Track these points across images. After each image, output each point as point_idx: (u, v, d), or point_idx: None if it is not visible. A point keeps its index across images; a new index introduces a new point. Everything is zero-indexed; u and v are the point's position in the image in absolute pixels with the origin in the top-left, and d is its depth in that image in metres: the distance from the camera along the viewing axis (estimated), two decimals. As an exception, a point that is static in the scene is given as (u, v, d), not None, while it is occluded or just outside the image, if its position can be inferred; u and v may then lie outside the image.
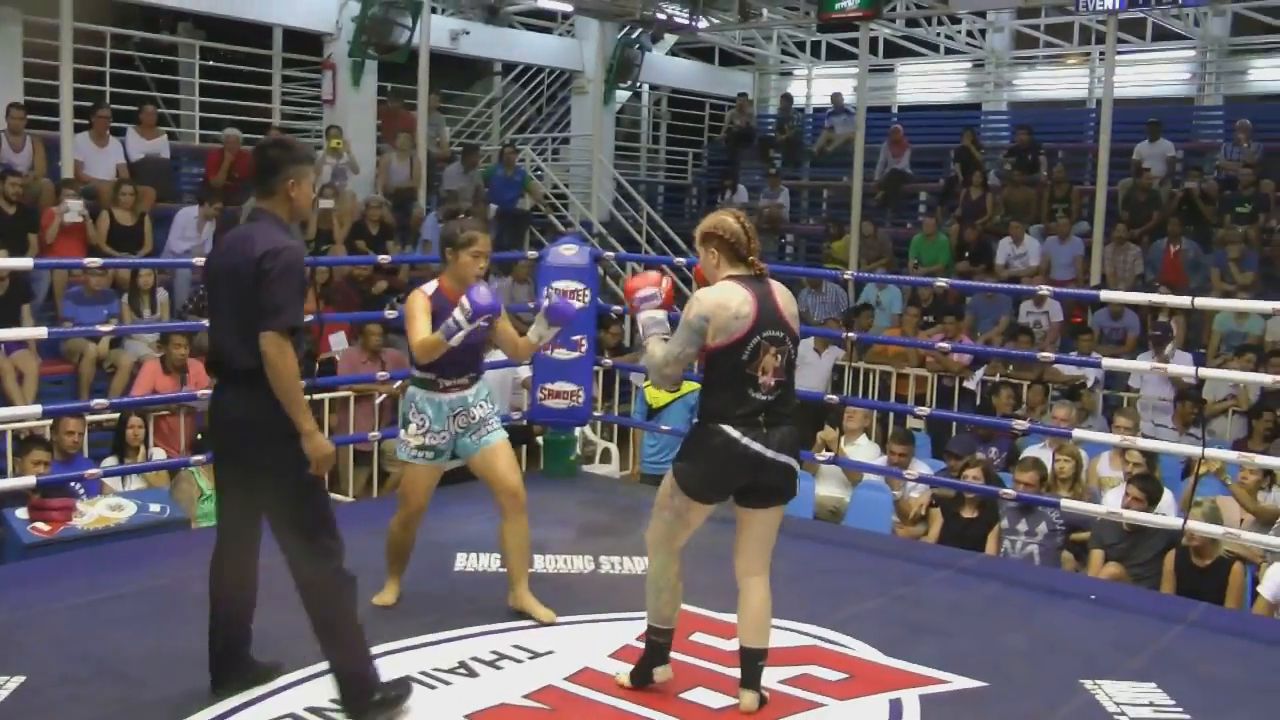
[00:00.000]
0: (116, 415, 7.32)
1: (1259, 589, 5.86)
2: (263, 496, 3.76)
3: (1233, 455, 6.47)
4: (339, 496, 7.70)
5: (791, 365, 4.00)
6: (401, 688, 3.86)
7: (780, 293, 3.99)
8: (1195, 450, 6.00)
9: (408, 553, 4.83)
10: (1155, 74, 16.42)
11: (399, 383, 7.67)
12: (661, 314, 4.09)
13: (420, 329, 4.59)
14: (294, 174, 3.81)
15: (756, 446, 3.85)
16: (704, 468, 3.90)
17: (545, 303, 4.88)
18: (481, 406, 4.76)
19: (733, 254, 3.94)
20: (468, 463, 4.81)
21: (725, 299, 3.85)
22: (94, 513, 5.75)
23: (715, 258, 3.97)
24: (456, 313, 4.45)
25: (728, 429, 3.84)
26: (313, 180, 3.95)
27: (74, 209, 9.46)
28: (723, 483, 3.93)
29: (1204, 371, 6.73)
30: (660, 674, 4.09)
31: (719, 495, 3.97)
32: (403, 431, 4.73)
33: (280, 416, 3.66)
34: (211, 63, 13.83)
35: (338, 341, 9.61)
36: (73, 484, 6.24)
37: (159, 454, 7.51)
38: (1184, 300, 6.67)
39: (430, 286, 4.74)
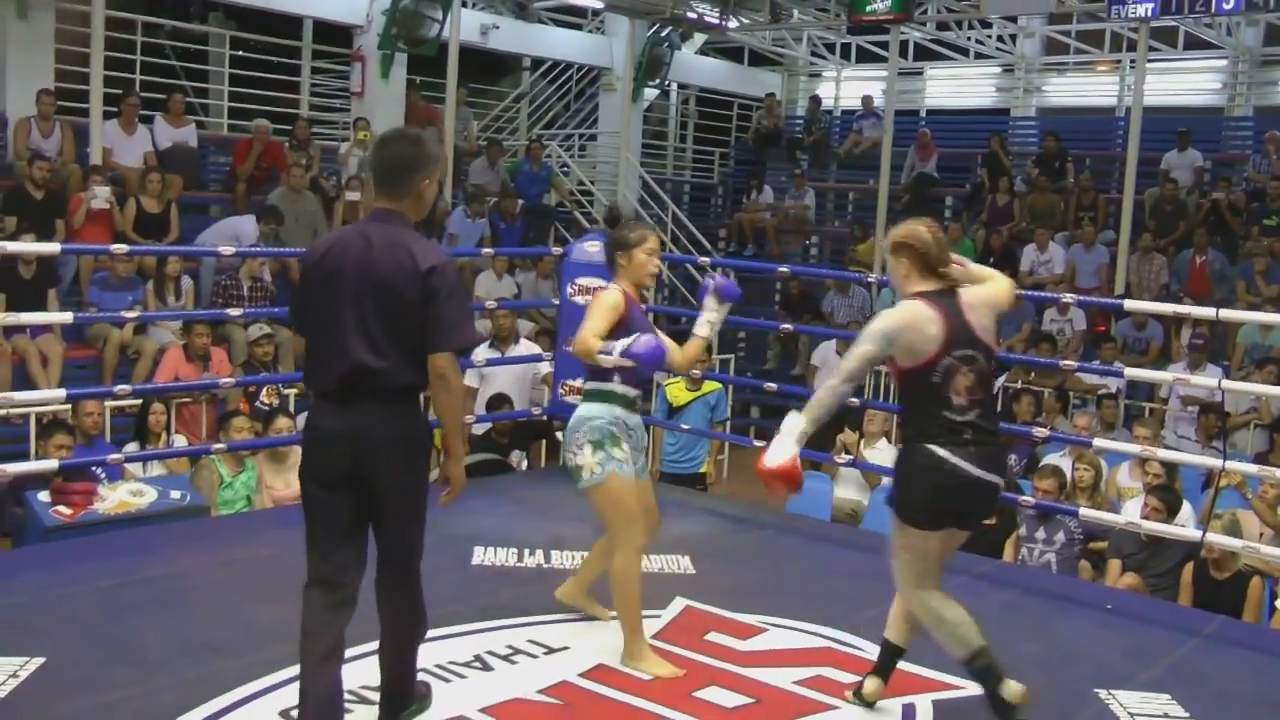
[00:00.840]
0: (139, 401, 7.37)
1: (1277, 603, 5.83)
2: (390, 512, 3.51)
3: (1253, 468, 6.43)
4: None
5: (986, 380, 3.83)
6: (425, 689, 3.85)
7: (971, 306, 3.82)
8: (1215, 462, 5.96)
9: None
10: (1186, 83, 16.31)
11: None
12: None
13: (598, 328, 4.31)
14: (430, 173, 3.55)
15: (964, 465, 3.72)
16: (918, 492, 3.78)
17: (710, 283, 4.63)
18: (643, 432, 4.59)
19: (924, 266, 3.82)
20: None
21: (912, 321, 3.72)
22: (115, 498, 5.80)
23: (906, 268, 3.85)
24: (624, 359, 4.25)
25: (935, 449, 3.73)
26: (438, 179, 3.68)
27: (101, 195, 9.54)
28: (941, 504, 3.79)
29: (1226, 384, 6.68)
30: (1012, 692, 3.72)
31: (942, 520, 3.82)
32: (616, 451, 4.35)
33: (423, 436, 3.56)
34: (241, 53, 13.91)
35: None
36: (94, 469, 6.29)
37: (180, 441, 7.56)
38: (1209, 311, 6.63)
39: (615, 287, 4.47)
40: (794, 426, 3.84)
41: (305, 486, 3.54)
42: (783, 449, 3.83)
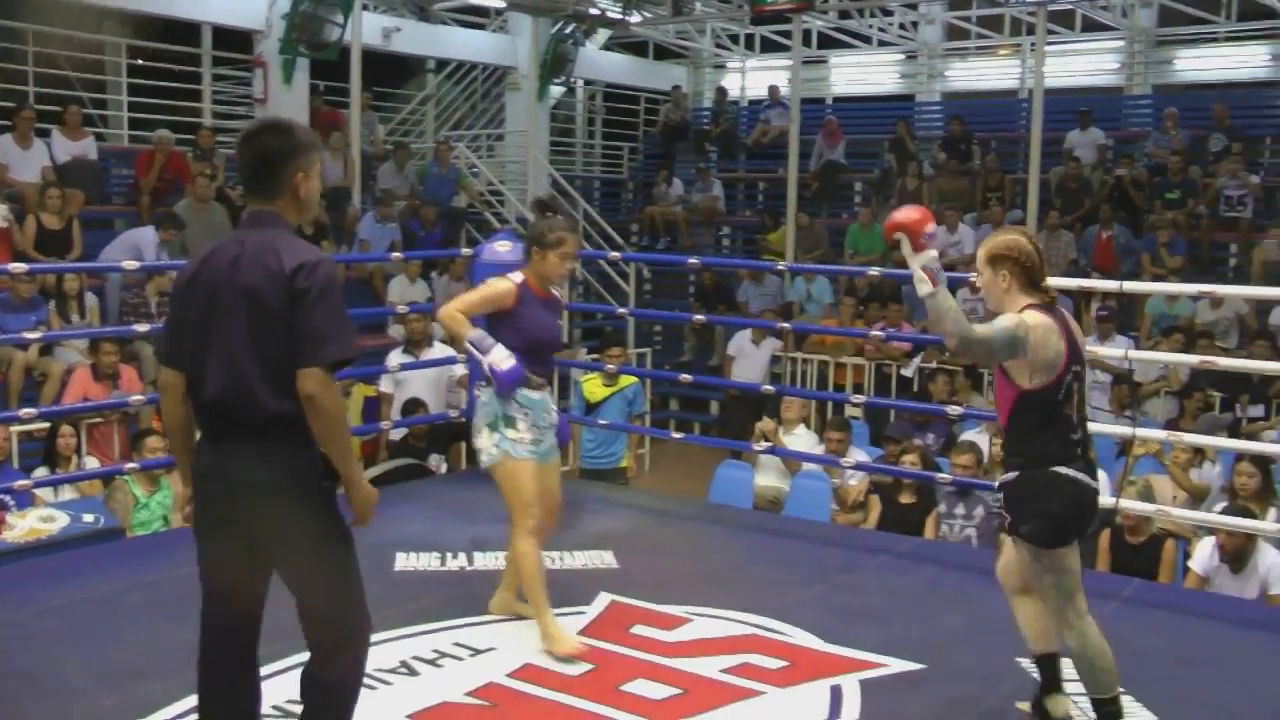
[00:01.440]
0: (47, 425, 7.19)
1: (1189, 563, 5.99)
2: (286, 572, 3.10)
3: (1162, 434, 6.59)
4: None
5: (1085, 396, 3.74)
6: None
7: (1071, 318, 3.72)
8: (1127, 431, 6.11)
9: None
10: (1085, 64, 16.63)
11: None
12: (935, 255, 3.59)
13: (471, 306, 4.48)
14: (302, 165, 3.15)
15: (1086, 480, 3.65)
16: (1060, 515, 3.64)
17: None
18: (551, 412, 4.57)
19: (1027, 279, 3.62)
20: None
21: (1043, 334, 3.51)
22: (24, 525, 5.64)
23: (1007, 282, 3.64)
24: (485, 359, 4.32)
25: (1065, 471, 3.60)
26: (320, 170, 3.27)
27: (-2, 214, 9.28)
28: (1080, 522, 3.72)
29: (1134, 354, 6.85)
30: None
31: (1079, 534, 3.76)
32: (510, 431, 4.38)
33: (307, 477, 3.05)
34: (140, 61, 13.61)
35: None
36: (2, 496, 6.11)
37: (92, 463, 7.39)
38: (1114, 284, 6.78)
39: (517, 277, 4.52)
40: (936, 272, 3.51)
41: (195, 538, 3.18)
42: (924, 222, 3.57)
